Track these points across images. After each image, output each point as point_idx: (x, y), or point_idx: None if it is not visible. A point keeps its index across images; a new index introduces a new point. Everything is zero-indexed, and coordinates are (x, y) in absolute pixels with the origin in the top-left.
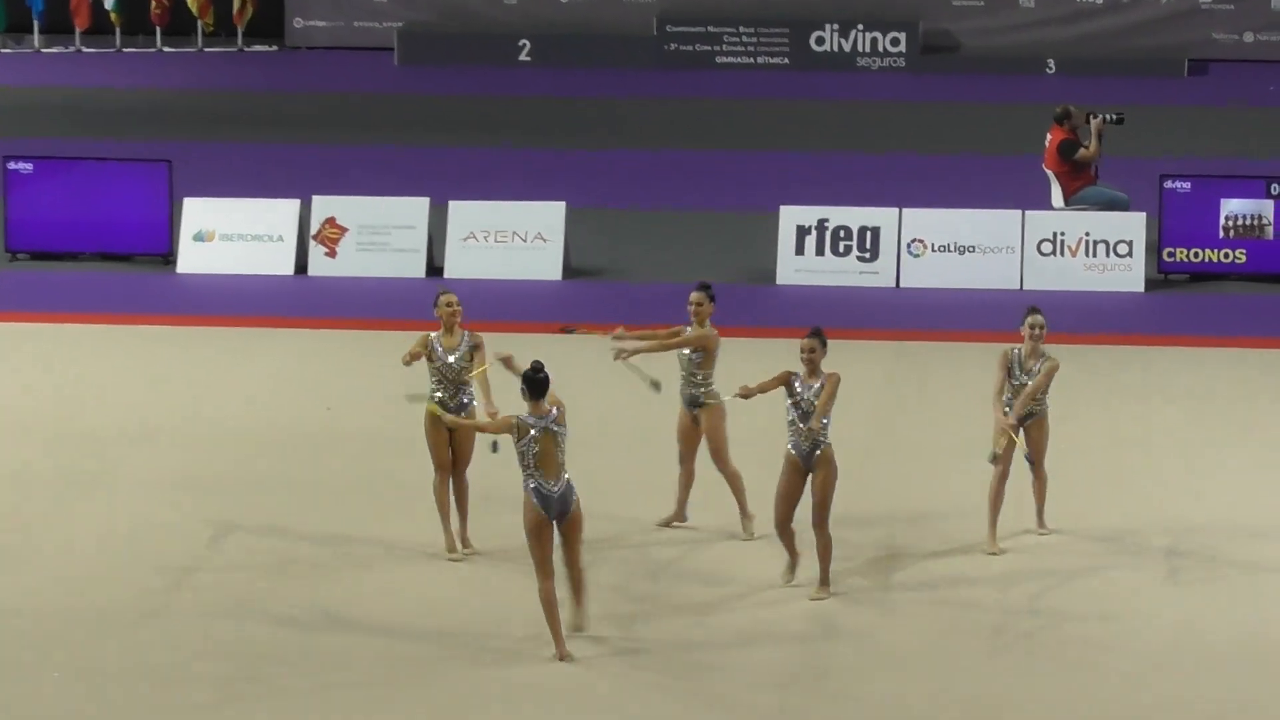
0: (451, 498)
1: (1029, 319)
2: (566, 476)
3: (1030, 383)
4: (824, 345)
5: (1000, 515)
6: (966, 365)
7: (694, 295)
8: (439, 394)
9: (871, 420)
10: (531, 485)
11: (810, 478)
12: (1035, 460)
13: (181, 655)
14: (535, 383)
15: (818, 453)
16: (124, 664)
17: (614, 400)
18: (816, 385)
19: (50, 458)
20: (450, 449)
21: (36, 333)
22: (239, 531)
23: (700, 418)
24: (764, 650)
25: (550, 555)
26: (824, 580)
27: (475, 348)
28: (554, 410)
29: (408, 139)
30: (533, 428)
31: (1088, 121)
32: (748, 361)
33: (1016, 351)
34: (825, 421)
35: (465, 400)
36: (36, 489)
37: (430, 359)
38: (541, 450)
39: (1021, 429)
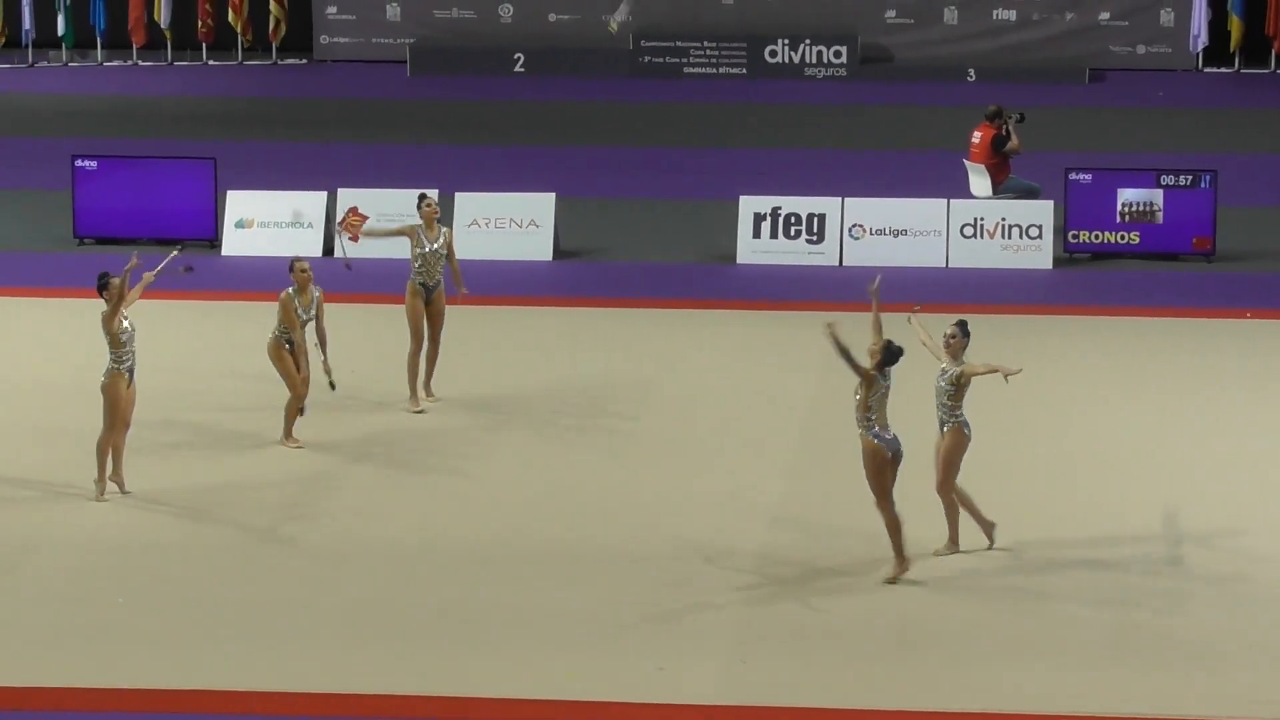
0: (422, 360)
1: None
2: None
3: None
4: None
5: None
6: (899, 334)
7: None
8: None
9: (821, 381)
10: None
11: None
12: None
13: None
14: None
15: (945, 429)
16: None
17: None
18: (954, 371)
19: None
20: (426, 320)
21: (97, 307)
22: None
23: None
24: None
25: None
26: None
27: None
28: None
29: (419, 139)
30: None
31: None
32: (716, 332)
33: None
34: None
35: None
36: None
37: (416, 246)
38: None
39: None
